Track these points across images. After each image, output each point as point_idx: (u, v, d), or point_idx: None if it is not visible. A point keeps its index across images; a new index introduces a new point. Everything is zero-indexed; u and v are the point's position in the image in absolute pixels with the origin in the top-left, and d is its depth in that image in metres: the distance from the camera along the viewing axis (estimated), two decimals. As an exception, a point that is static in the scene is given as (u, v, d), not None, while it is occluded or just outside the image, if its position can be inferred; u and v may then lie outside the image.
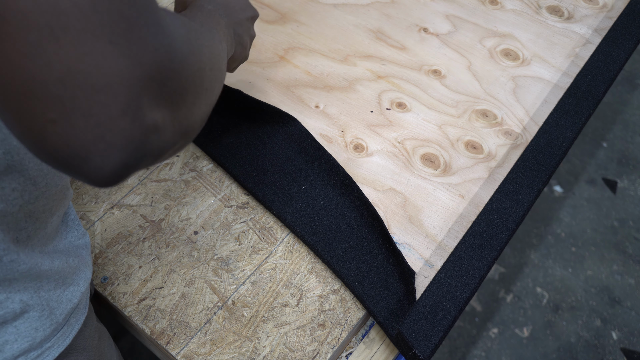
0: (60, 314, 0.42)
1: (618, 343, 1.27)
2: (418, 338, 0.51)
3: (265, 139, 0.66)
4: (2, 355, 0.38)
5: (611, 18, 0.78)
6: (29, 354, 0.40)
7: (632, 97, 1.69)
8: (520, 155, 0.63)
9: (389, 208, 0.62)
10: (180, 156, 0.66)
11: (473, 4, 0.80)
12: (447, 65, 0.74)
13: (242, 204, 0.62)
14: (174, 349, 0.53)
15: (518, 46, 0.76)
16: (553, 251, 1.40)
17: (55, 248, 0.42)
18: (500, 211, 0.59)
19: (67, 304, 0.42)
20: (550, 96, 0.71)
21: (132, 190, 0.63)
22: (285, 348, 0.53)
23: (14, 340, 0.39)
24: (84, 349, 0.46)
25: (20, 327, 0.39)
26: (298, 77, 0.72)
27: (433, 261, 0.58)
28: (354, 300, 0.56)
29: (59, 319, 0.42)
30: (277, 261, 0.58)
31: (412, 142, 0.67)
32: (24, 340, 0.39)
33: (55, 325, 0.41)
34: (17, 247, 0.36)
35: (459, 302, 0.53)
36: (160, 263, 0.58)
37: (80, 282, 0.44)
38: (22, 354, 0.39)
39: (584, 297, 1.34)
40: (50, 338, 0.41)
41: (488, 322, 1.30)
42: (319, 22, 0.78)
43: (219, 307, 0.55)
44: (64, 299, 0.42)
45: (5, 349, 0.38)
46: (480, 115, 0.69)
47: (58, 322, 0.42)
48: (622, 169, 1.55)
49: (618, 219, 1.45)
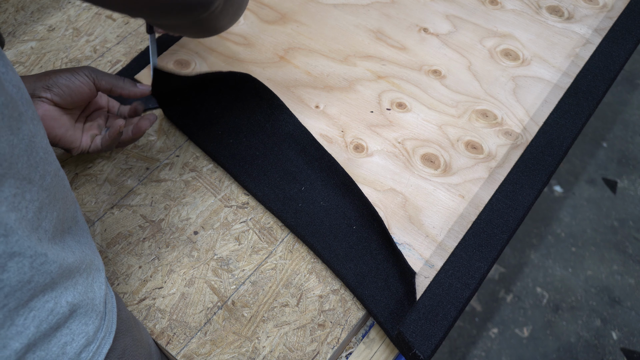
0: (99, 302, 0.43)
1: (618, 343, 1.27)
2: (418, 338, 0.51)
3: (265, 139, 0.66)
4: (67, 356, 0.39)
5: (611, 18, 0.78)
6: (89, 348, 0.41)
7: (632, 97, 1.69)
8: (520, 155, 0.64)
9: (389, 208, 0.62)
10: (180, 156, 0.66)
11: (473, 4, 0.80)
12: (447, 65, 0.74)
13: (242, 204, 0.62)
14: (174, 349, 0.53)
15: (518, 46, 0.76)
16: (553, 251, 1.40)
17: (70, 238, 0.43)
18: (500, 211, 0.59)
19: (99, 291, 0.44)
20: (550, 96, 0.71)
21: (132, 190, 0.63)
22: (285, 348, 0.53)
23: (72, 341, 0.40)
24: (127, 330, 0.47)
25: (72, 326, 0.40)
26: (298, 77, 0.72)
27: (433, 261, 0.58)
28: (354, 301, 0.56)
29: (100, 308, 0.43)
30: (277, 261, 0.58)
31: (412, 142, 0.67)
32: (79, 337, 0.40)
33: (100, 315, 0.43)
34: (42, 247, 0.37)
35: (459, 302, 0.53)
36: (160, 263, 0.58)
37: (100, 266, 0.45)
38: (82, 350, 0.41)
39: (584, 297, 1.34)
40: (100, 327, 0.43)
41: (488, 322, 1.30)
42: (319, 22, 0.78)
43: (219, 307, 0.55)
44: (95, 287, 0.43)
45: (67, 350, 0.39)
46: (480, 115, 0.69)
47: (100, 310, 0.43)
48: (622, 169, 1.55)
49: (618, 219, 1.45)
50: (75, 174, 0.64)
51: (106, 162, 0.65)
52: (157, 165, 0.65)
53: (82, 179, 0.64)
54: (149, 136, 0.67)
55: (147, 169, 0.65)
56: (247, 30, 0.77)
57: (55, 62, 0.74)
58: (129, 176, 0.64)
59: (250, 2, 0.80)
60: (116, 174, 0.64)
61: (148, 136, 0.67)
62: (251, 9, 0.80)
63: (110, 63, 0.74)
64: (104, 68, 0.74)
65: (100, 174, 0.64)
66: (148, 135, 0.67)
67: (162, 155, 0.66)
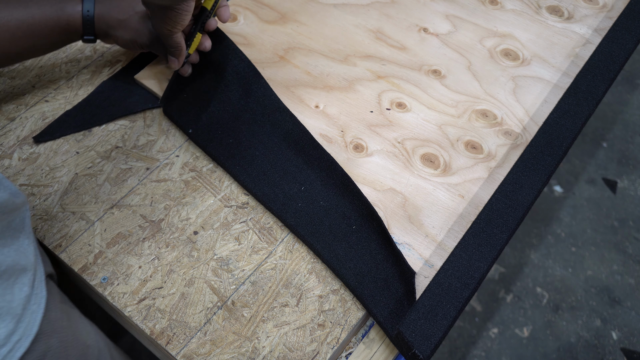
0: (17, 304, 0.42)
1: (618, 343, 1.28)
2: (418, 338, 0.51)
3: (265, 139, 0.66)
4: None
5: (611, 18, 0.78)
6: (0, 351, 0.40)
7: (632, 97, 1.69)
8: (520, 155, 0.64)
9: (389, 208, 0.62)
10: (180, 156, 0.66)
11: (473, 4, 0.80)
12: (447, 65, 0.74)
13: (242, 204, 0.62)
14: (174, 349, 0.53)
15: (518, 46, 0.76)
16: (553, 251, 1.40)
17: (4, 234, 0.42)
18: (500, 211, 0.59)
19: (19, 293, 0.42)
20: (550, 96, 0.71)
21: (132, 190, 0.63)
22: (285, 348, 0.53)
23: None
24: (54, 331, 0.46)
25: None
26: (298, 77, 0.72)
27: (433, 261, 0.58)
28: (354, 300, 0.56)
29: (18, 310, 0.42)
30: (277, 261, 0.58)
31: (412, 142, 0.67)
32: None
33: (16, 317, 0.41)
34: None
35: (459, 302, 0.53)
36: (160, 263, 0.58)
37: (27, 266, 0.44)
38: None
39: (584, 297, 1.34)
40: (16, 330, 0.42)
41: (488, 322, 1.30)
42: (319, 22, 0.78)
43: (219, 307, 0.55)
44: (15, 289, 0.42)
45: None
46: (480, 115, 0.69)
47: (17, 313, 0.42)
48: (622, 169, 1.55)
49: (618, 219, 1.45)
50: (75, 174, 0.64)
51: (106, 162, 0.65)
52: (157, 165, 0.65)
53: (82, 179, 0.64)
54: (149, 136, 0.67)
55: (147, 169, 0.65)
56: (247, 30, 0.77)
57: (55, 62, 0.74)
58: (129, 176, 0.64)
59: (251, 2, 0.80)
60: (116, 174, 0.64)
61: (148, 136, 0.67)
62: (251, 9, 0.80)
63: (110, 63, 0.74)
64: (104, 68, 0.74)
65: (100, 174, 0.64)
66: (148, 135, 0.67)
67: (162, 155, 0.66)
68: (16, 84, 0.72)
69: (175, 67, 0.65)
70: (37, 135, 0.67)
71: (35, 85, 0.72)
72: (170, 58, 0.65)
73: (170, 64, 0.65)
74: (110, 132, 0.68)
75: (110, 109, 0.69)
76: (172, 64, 0.65)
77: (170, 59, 0.65)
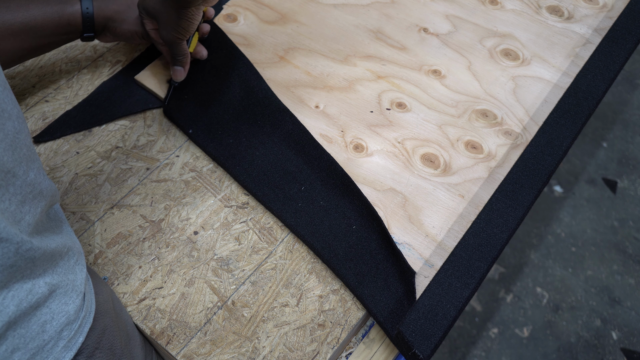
0: (80, 283, 0.44)
1: (618, 343, 1.28)
2: (418, 338, 0.51)
3: (265, 139, 0.66)
4: (47, 334, 0.41)
5: (611, 18, 0.78)
6: (71, 326, 0.43)
7: (632, 97, 1.69)
8: (520, 155, 0.64)
9: (389, 208, 0.62)
10: (180, 156, 0.66)
11: (473, 4, 0.80)
12: (447, 65, 0.74)
13: (242, 204, 0.62)
14: (174, 349, 0.53)
15: (518, 46, 0.76)
16: (553, 251, 1.40)
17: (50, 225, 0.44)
18: (500, 211, 0.59)
19: (80, 273, 0.45)
20: (550, 96, 0.71)
21: (132, 190, 0.63)
22: (285, 348, 0.53)
23: (52, 319, 0.41)
24: (106, 312, 0.48)
25: (52, 306, 0.41)
26: (298, 77, 0.72)
27: (433, 261, 0.58)
28: (354, 300, 0.56)
29: (81, 288, 0.44)
30: (277, 261, 0.58)
31: (412, 142, 0.67)
32: (59, 316, 0.42)
33: (81, 295, 0.44)
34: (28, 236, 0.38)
35: (459, 302, 0.53)
36: (160, 263, 0.58)
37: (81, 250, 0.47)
38: (63, 328, 0.42)
39: (584, 297, 1.34)
40: (82, 307, 0.44)
41: (488, 322, 1.30)
42: (319, 22, 0.78)
43: (219, 307, 0.55)
44: (77, 269, 0.45)
45: (47, 328, 0.41)
46: (480, 115, 0.69)
47: (81, 290, 0.44)
48: (622, 169, 1.55)
49: (618, 219, 1.46)
50: (75, 174, 0.64)
51: (106, 162, 0.65)
52: (157, 165, 0.65)
53: (82, 179, 0.64)
54: (149, 136, 0.67)
55: (147, 169, 0.65)
56: (247, 30, 0.77)
57: (55, 62, 0.74)
58: (129, 176, 0.64)
59: (251, 3, 0.80)
60: (116, 174, 0.64)
61: (148, 136, 0.67)
62: (251, 9, 0.80)
63: (110, 63, 0.74)
64: (104, 68, 0.74)
65: (100, 174, 0.64)
66: (148, 135, 0.67)
67: (162, 155, 0.66)
68: (16, 84, 0.72)
69: (182, 77, 0.68)
70: (37, 135, 0.67)
71: (35, 85, 0.72)
72: (176, 69, 0.67)
73: (177, 76, 0.67)
74: (110, 132, 0.68)
75: (110, 109, 0.69)
76: (179, 75, 0.68)
77: (176, 70, 0.67)
